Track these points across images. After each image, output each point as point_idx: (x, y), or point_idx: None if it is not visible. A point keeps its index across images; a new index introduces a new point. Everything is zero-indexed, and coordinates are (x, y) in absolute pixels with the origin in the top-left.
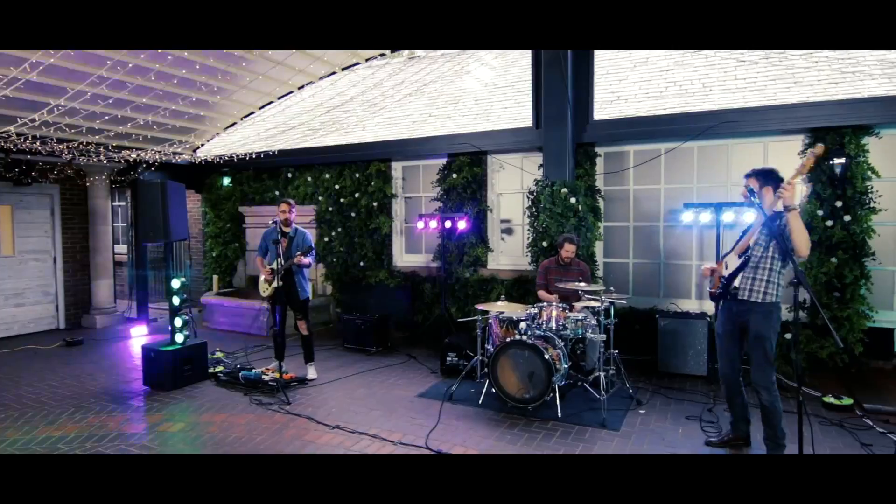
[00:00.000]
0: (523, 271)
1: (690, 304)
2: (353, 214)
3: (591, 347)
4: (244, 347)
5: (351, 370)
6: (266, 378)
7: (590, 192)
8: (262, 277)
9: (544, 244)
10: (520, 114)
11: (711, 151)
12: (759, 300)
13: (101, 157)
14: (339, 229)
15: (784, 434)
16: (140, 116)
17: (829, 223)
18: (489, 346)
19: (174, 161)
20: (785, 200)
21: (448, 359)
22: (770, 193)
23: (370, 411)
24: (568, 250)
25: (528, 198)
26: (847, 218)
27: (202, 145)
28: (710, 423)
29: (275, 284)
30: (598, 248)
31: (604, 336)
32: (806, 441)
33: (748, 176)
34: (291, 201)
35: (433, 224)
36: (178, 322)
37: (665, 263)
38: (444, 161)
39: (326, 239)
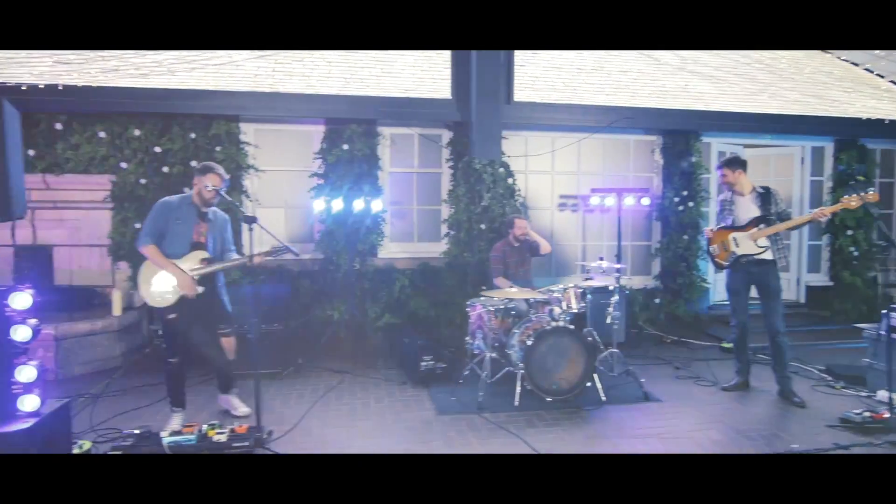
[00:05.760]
0: (426, 259)
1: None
2: (186, 190)
3: None
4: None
5: (294, 400)
6: (221, 440)
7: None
8: (163, 276)
9: (482, 226)
10: (401, 84)
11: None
12: (776, 259)
13: None
14: None
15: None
16: None
17: (681, 208)
18: (477, 342)
19: None
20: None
21: (423, 363)
22: (743, 177)
23: (429, 442)
24: (520, 227)
25: (454, 176)
26: (691, 204)
27: None
28: (702, 378)
29: (189, 292)
30: None
31: (619, 313)
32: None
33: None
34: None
35: (337, 206)
36: (24, 374)
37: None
38: (321, 128)
39: (138, 225)
